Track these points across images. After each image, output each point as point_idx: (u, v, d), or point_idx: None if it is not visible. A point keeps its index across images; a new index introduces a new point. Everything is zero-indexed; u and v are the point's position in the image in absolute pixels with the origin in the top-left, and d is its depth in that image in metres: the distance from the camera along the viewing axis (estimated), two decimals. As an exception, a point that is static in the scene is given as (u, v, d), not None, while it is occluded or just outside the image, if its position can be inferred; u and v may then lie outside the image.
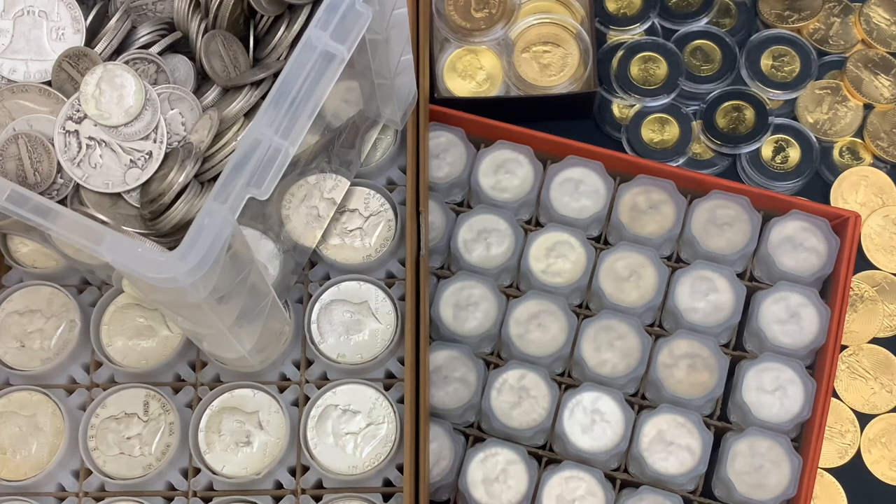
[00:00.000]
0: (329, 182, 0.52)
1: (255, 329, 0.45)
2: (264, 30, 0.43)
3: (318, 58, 0.38)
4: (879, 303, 0.58)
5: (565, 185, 0.56)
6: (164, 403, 0.50)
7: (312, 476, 0.50)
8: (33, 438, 0.50)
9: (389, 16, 0.43)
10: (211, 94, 0.42)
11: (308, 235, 0.52)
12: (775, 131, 0.62)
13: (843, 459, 0.56)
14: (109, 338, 0.52)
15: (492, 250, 0.55)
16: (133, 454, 0.50)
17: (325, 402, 0.50)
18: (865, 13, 0.64)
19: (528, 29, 0.62)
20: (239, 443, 0.50)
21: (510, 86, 0.62)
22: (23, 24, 0.42)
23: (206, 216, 0.35)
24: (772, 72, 0.63)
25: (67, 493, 0.50)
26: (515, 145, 0.57)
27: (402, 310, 0.51)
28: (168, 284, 0.35)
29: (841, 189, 0.61)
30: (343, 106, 0.49)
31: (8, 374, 0.51)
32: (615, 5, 0.65)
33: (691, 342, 0.53)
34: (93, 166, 0.40)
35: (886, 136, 0.62)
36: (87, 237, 0.35)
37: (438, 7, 0.62)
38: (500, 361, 0.54)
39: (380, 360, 0.51)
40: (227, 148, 0.41)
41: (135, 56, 0.41)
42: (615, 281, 0.54)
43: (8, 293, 0.52)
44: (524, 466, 0.51)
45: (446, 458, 0.51)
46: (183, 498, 0.50)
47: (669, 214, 0.55)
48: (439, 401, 0.52)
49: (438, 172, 0.57)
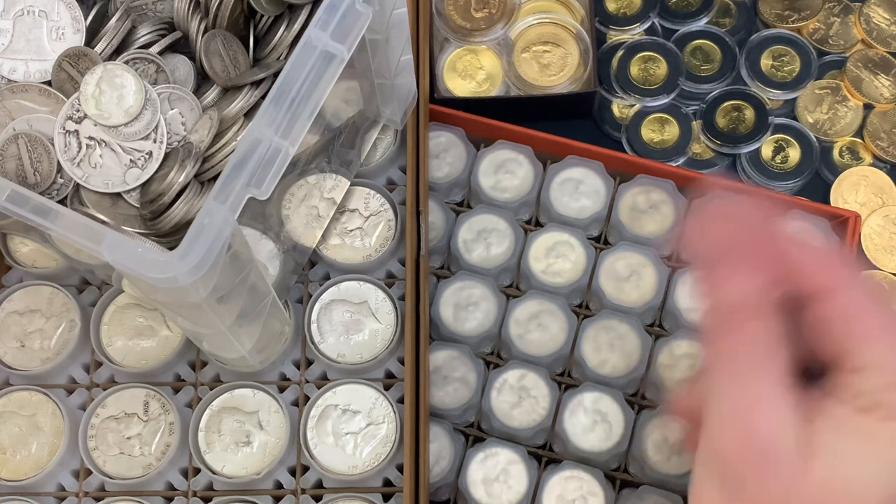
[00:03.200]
0: (329, 182, 0.52)
1: (255, 329, 0.45)
2: (264, 30, 0.43)
3: (318, 58, 0.38)
4: (879, 303, 0.58)
5: (565, 185, 0.56)
6: (164, 403, 0.50)
7: (312, 476, 0.50)
8: (33, 438, 0.50)
9: (389, 16, 0.43)
10: (211, 94, 0.42)
11: (308, 235, 0.52)
12: (775, 131, 0.62)
13: (843, 459, 0.56)
14: (109, 338, 0.52)
15: (492, 250, 0.55)
16: (133, 454, 0.50)
17: (325, 402, 0.50)
18: (865, 13, 0.64)
19: (528, 29, 0.62)
20: (239, 443, 0.50)
21: (510, 86, 0.62)
22: (23, 23, 0.42)
23: (206, 216, 0.35)
24: (772, 72, 0.63)
25: (67, 493, 0.50)
26: (515, 145, 0.57)
27: (402, 310, 0.51)
28: (168, 284, 0.35)
29: (841, 189, 0.61)
30: (343, 106, 0.49)
31: (8, 373, 0.51)
32: (615, 5, 0.65)
33: (691, 342, 0.53)
34: (93, 166, 0.40)
35: (886, 136, 0.62)
36: (87, 237, 0.35)
37: (438, 7, 0.62)
38: (500, 361, 0.54)
39: (380, 360, 0.51)
40: (227, 148, 0.41)
41: (135, 56, 0.41)
42: (615, 281, 0.54)
43: (8, 293, 0.52)
44: (524, 466, 0.51)
45: (446, 458, 0.51)
46: (183, 498, 0.50)
47: (669, 214, 0.55)
48: (439, 401, 0.52)
49: (438, 172, 0.57)
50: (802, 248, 0.35)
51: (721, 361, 0.34)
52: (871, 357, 0.33)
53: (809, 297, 0.34)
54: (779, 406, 0.33)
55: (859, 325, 0.34)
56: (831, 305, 0.34)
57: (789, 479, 0.33)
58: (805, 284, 0.34)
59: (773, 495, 0.33)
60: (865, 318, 0.34)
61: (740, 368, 0.34)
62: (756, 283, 0.34)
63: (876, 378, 0.33)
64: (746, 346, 0.34)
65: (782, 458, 0.33)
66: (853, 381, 0.34)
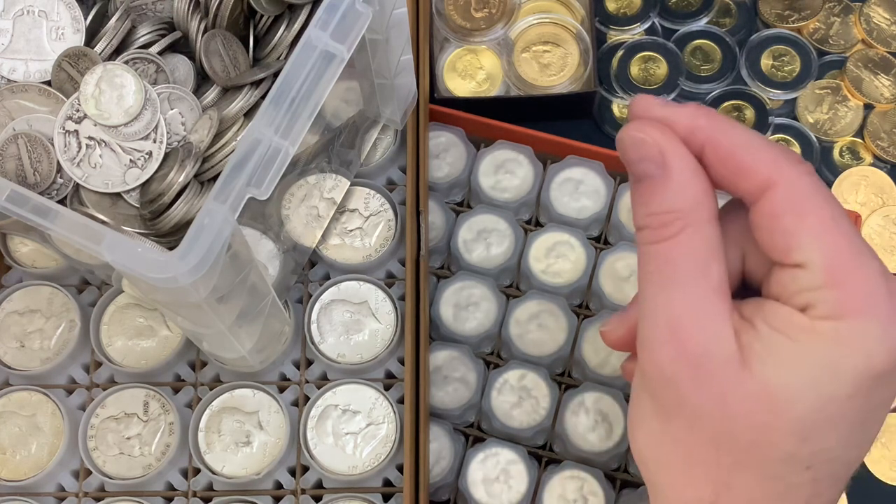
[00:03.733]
0: (329, 182, 0.52)
1: (255, 329, 0.45)
2: (264, 29, 0.43)
3: (318, 58, 0.38)
4: (880, 303, 0.58)
5: (565, 185, 0.56)
6: (164, 403, 0.50)
7: (312, 476, 0.50)
8: (33, 438, 0.50)
9: (389, 16, 0.43)
10: (211, 94, 0.42)
11: (308, 235, 0.52)
12: (775, 131, 0.62)
13: (843, 459, 0.56)
14: (109, 338, 0.52)
15: (492, 250, 0.55)
16: (133, 454, 0.50)
17: (325, 402, 0.50)
18: (865, 13, 0.64)
19: (528, 29, 0.62)
20: (239, 443, 0.50)
21: (510, 86, 0.62)
22: (22, 23, 0.42)
23: (206, 216, 0.35)
24: (772, 72, 0.63)
25: (67, 494, 0.50)
26: (515, 145, 0.57)
27: (402, 310, 0.51)
28: (168, 284, 0.35)
29: (841, 189, 0.61)
30: (343, 106, 0.49)
31: (8, 374, 0.51)
32: (615, 5, 0.65)
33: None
34: (92, 166, 0.40)
35: (886, 136, 0.62)
36: (87, 237, 0.35)
37: (438, 7, 0.62)
38: (501, 361, 0.54)
39: (380, 360, 0.51)
40: (227, 148, 0.41)
41: (134, 56, 0.41)
42: (615, 281, 0.54)
43: (8, 293, 0.52)
44: (524, 466, 0.51)
45: (446, 458, 0.51)
46: (183, 498, 0.50)
47: (669, 214, 0.55)
48: (439, 401, 0.52)
49: (438, 172, 0.57)
50: (742, 144, 0.33)
51: (654, 273, 0.33)
52: (811, 253, 0.32)
53: (753, 194, 0.33)
54: (712, 315, 0.32)
55: (802, 219, 0.32)
56: (773, 201, 0.32)
57: (725, 389, 0.32)
58: (747, 182, 0.33)
59: (709, 406, 0.32)
60: (808, 211, 0.32)
61: (673, 279, 0.33)
62: (693, 188, 0.33)
63: (815, 275, 0.32)
64: (680, 256, 0.33)
65: (716, 368, 0.32)
66: (793, 279, 0.32)
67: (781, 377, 0.31)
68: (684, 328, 0.32)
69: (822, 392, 0.31)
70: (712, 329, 0.32)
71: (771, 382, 0.31)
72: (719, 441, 0.32)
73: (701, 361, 0.32)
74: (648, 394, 0.34)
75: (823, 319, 0.31)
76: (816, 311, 0.32)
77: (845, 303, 0.31)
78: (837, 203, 0.33)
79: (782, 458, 0.32)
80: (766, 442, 0.32)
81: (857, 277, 0.32)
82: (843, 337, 0.31)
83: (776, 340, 0.32)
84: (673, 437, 0.33)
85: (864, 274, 0.32)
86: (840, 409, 0.31)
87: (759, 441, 0.32)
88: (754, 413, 0.32)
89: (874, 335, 0.31)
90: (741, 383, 0.32)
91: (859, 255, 0.32)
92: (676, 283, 0.33)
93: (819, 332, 0.31)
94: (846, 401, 0.31)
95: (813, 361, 0.31)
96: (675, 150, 0.33)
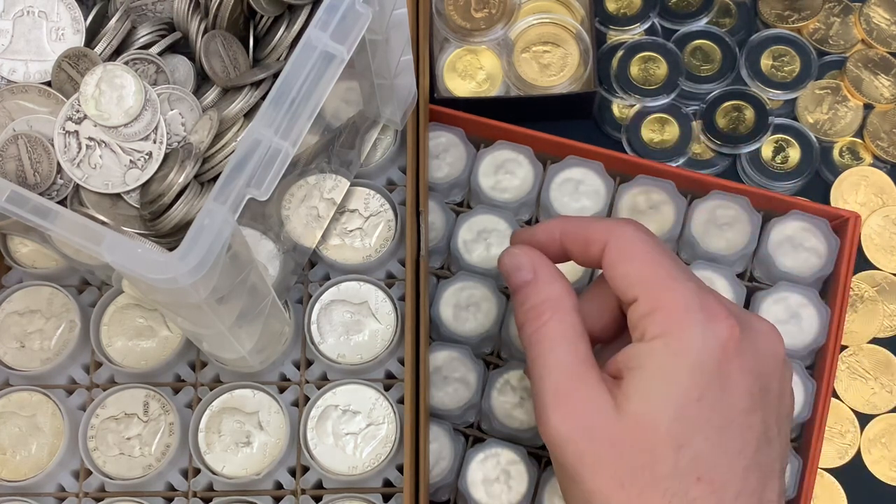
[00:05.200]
0: (329, 182, 0.52)
1: (255, 329, 0.45)
2: (264, 30, 0.43)
3: (318, 58, 0.38)
4: (879, 303, 0.58)
5: (565, 185, 0.56)
6: (164, 404, 0.50)
7: (312, 476, 0.50)
8: (33, 439, 0.50)
9: (389, 16, 0.43)
10: (211, 95, 0.42)
11: (308, 236, 0.52)
12: (775, 131, 0.62)
13: (843, 460, 0.56)
14: (109, 338, 0.52)
15: (492, 251, 0.55)
16: (133, 454, 0.50)
17: (325, 402, 0.50)
18: (865, 13, 0.64)
19: (528, 29, 0.62)
20: (239, 443, 0.50)
21: (510, 86, 0.62)
22: (22, 24, 0.42)
23: (206, 217, 0.35)
24: (772, 72, 0.63)
25: (67, 494, 0.50)
26: (515, 145, 0.57)
27: (402, 310, 0.51)
28: (168, 285, 0.35)
29: (841, 189, 0.61)
30: (343, 106, 0.49)
31: (8, 374, 0.51)
32: (615, 5, 0.65)
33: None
34: (92, 167, 0.40)
35: (886, 136, 0.62)
36: (87, 238, 0.35)
37: (438, 7, 0.62)
38: (501, 361, 0.54)
39: (380, 360, 0.51)
40: (227, 148, 0.41)
41: (134, 56, 0.41)
42: (615, 281, 0.54)
43: (8, 293, 0.52)
44: (525, 467, 0.51)
45: (446, 458, 0.51)
46: (183, 498, 0.50)
47: (669, 215, 0.55)
48: (439, 401, 0.52)
49: (438, 172, 0.57)
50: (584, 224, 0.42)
51: (537, 357, 0.40)
52: (638, 287, 0.39)
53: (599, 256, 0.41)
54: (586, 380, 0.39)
55: (630, 263, 0.40)
56: (609, 255, 0.40)
57: (611, 433, 0.37)
58: (594, 248, 0.41)
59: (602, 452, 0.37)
60: (634, 255, 0.40)
61: (551, 357, 0.40)
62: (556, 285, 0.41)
63: (643, 303, 0.39)
64: (555, 336, 0.40)
65: (598, 420, 0.38)
66: (633, 312, 0.39)
67: (645, 404, 0.37)
68: (567, 393, 0.38)
69: (676, 402, 0.37)
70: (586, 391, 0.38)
71: (639, 413, 0.37)
72: (622, 480, 0.37)
73: (585, 416, 0.38)
74: (554, 459, 0.40)
75: (656, 339, 0.38)
76: (649, 332, 0.38)
77: (667, 318, 0.38)
78: (659, 242, 0.40)
79: (670, 473, 0.36)
80: (651, 462, 0.36)
81: (675, 296, 0.38)
82: (673, 348, 0.37)
83: (634, 376, 0.38)
84: (583, 489, 0.38)
85: (681, 293, 0.38)
86: (697, 412, 0.37)
87: (647, 462, 0.37)
88: (637, 443, 0.37)
89: (697, 337, 0.37)
90: (621, 424, 0.37)
91: (676, 279, 0.38)
92: (555, 358, 0.39)
93: (656, 351, 0.38)
94: (697, 403, 0.37)
95: (660, 379, 0.37)
96: (541, 261, 0.42)
